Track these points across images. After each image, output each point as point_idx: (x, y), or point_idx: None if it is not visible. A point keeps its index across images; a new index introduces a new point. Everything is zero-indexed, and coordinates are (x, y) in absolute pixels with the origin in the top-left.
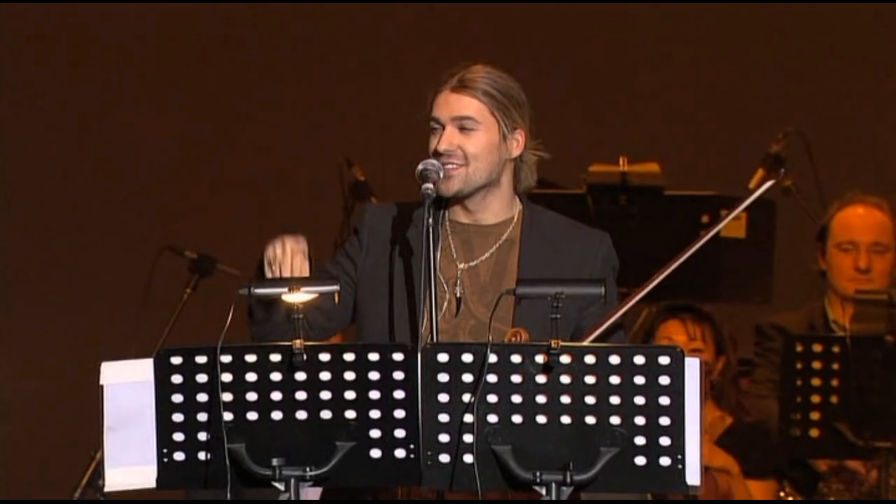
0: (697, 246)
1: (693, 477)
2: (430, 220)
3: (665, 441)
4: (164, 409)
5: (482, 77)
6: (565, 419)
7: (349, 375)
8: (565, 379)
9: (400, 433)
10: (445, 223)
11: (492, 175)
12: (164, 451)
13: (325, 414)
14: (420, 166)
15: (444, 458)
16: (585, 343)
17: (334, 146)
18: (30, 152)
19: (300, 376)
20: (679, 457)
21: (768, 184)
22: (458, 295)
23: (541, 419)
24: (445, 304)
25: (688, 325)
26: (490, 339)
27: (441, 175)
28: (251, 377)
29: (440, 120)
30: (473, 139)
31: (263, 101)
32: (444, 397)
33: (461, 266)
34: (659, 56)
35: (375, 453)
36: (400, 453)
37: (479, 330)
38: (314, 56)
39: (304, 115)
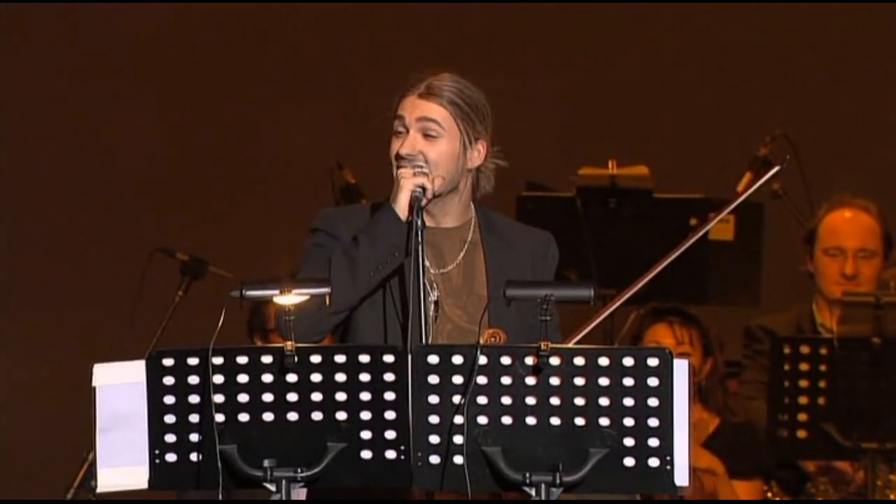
0: (701, 233)
1: (681, 478)
2: (420, 223)
3: (654, 442)
4: (155, 410)
5: (449, 85)
6: (555, 420)
7: (340, 377)
8: (555, 381)
9: (390, 434)
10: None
11: (451, 184)
12: (156, 452)
13: (316, 415)
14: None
15: (435, 459)
16: (573, 345)
17: (325, 149)
18: (22, 154)
19: (291, 378)
20: (668, 458)
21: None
22: (436, 299)
23: (530, 420)
24: (431, 308)
25: (675, 328)
26: (479, 341)
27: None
28: (243, 379)
29: (405, 121)
30: (436, 146)
31: (255, 105)
32: (434, 399)
33: (433, 271)
34: (648, 59)
35: (366, 454)
36: (390, 454)
37: (457, 334)
38: (305, 60)
39: (296, 119)
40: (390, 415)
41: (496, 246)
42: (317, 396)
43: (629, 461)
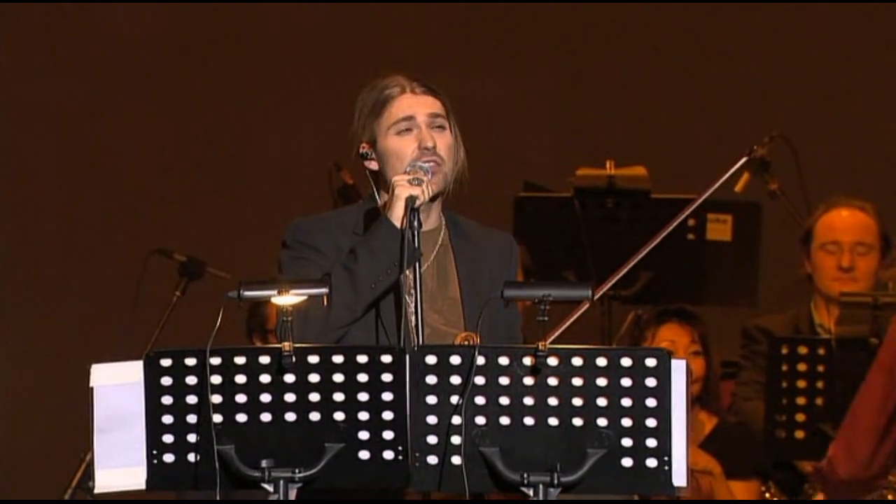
0: (685, 215)
1: (679, 478)
2: (417, 225)
3: (651, 443)
4: (153, 410)
5: (429, 83)
6: (552, 421)
7: (338, 377)
8: (552, 381)
9: (388, 435)
10: None
11: (454, 177)
12: (154, 452)
13: (314, 416)
14: (408, 167)
15: (432, 459)
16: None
17: (323, 150)
18: (20, 155)
19: (289, 378)
20: (665, 458)
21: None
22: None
23: (528, 421)
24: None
25: (689, 328)
26: (478, 341)
27: (430, 176)
28: (240, 379)
29: (416, 119)
30: (446, 139)
31: (253, 106)
32: (432, 399)
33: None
34: (646, 60)
35: (364, 455)
36: (388, 455)
37: (434, 337)
38: (303, 60)
39: (294, 120)
40: (388, 415)
41: (465, 248)
42: (314, 397)
43: (627, 462)
